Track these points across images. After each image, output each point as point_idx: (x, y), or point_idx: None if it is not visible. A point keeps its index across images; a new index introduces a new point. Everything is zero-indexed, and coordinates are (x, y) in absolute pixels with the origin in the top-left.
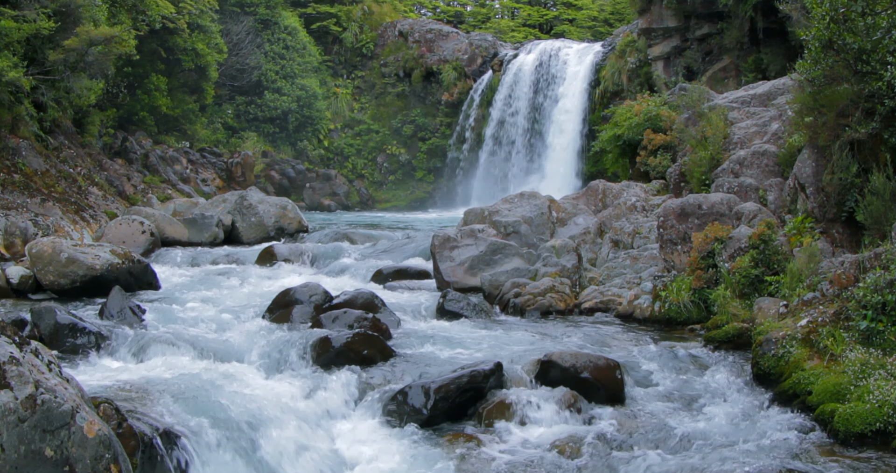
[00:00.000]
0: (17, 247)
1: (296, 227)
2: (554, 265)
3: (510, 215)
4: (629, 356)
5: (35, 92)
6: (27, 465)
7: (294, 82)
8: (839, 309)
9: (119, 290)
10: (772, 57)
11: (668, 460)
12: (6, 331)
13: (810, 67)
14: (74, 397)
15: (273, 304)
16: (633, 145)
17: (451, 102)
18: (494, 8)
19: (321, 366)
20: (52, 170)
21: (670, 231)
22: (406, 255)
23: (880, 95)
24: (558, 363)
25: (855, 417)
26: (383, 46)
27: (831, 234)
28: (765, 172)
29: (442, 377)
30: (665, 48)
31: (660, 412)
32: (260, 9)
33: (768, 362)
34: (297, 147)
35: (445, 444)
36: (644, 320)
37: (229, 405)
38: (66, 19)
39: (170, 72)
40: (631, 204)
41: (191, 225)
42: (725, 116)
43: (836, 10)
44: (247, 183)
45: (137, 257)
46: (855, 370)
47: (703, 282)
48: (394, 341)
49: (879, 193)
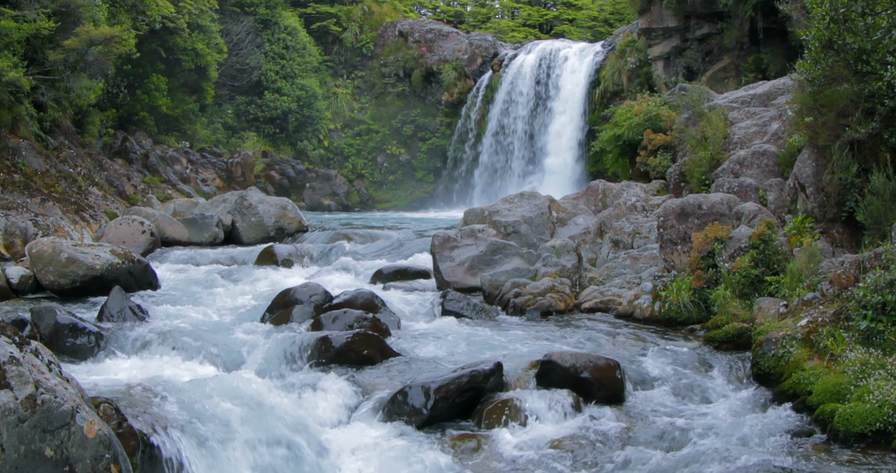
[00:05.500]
0: (17, 247)
1: (296, 227)
2: (554, 265)
3: (510, 215)
4: (629, 356)
5: (35, 92)
6: (27, 465)
7: (294, 82)
8: (839, 309)
9: (119, 290)
10: (772, 57)
11: (668, 460)
12: (6, 331)
13: (810, 67)
14: (74, 397)
15: (273, 304)
16: (633, 145)
17: (451, 102)
18: (494, 8)
19: (321, 366)
20: (52, 170)
21: (670, 231)
22: (406, 255)
23: (880, 95)
24: (558, 363)
25: (855, 417)
26: (383, 46)
27: (831, 234)
28: (765, 173)
29: (442, 377)
30: (665, 48)
31: (660, 412)
32: (260, 9)
33: (768, 362)
34: (297, 147)
35: (445, 444)
36: (644, 320)
37: (229, 406)
38: (66, 19)
39: (170, 72)
40: (631, 204)
41: (191, 225)
42: (725, 116)
43: (836, 10)
44: (247, 183)
45: (137, 257)
46: (855, 370)
47: (703, 282)
48: (394, 341)
49: (879, 193)
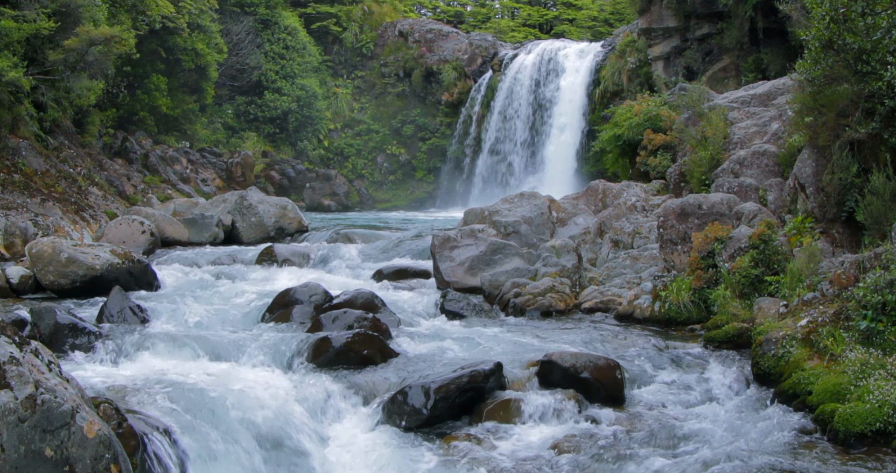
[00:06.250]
0: (17, 247)
1: (296, 227)
2: (554, 265)
3: (510, 215)
4: (629, 356)
5: (35, 92)
6: (27, 465)
7: (294, 82)
8: (839, 309)
9: (119, 290)
10: (772, 57)
11: (668, 460)
12: (6, 331)
13: (810, 67)
14: (74, 397)
15: (273, 304)
16: (633, 145)
17: (451, 102)
18: (494, 8)
19: (321, 366)
20: (52, 170)
21: (670, 231)
22: (406, 255)
23: (880, 95)
24: (558, 364)
25: (855, 417)
26: (383, 46)
27: (831, 234)
28: (765, 173)
29: (442, 377)
30: (665, 48)
31: (660, 412)
32: (260, 9)
33: (768, 362)
34: (297, 147)
35: (445, 444)
36: (644, 320)
37: (229, 406)
38: (66, 19)
39: (170, 72)
40: (631, 204)
41: (191, 225)
42: (725, 116)
43: (836, 10)
44: (247, 183)
45: (137, 257)
46: (855, 370)
47: (703, 282)
48: (394, 341)
49: (879, 193)
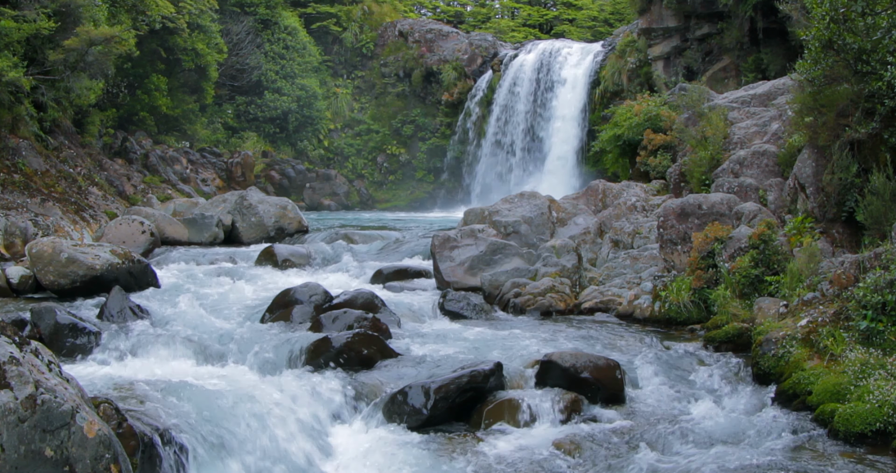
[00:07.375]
0: (17, 247)
1: (296, 227)
2: (554, 265)
3: (510, 215)
4: (629, 356)
5: (35, 92)
6: (27, 465)
7: (294, 82)
8: (839, 309)
9: (119, 290)
10: (772, 57)
11: (668, 460)
12: (6, 331)
13: (810, 66)
14: (74, 397)
15: (273, 304)
16: (633, 145)
17: (451, 102)
18: (494, 8)
19: (321, 366)
20: (52, 170)
21: (670, 231)
22: (406, 255)
23: (880, 95)
24: (558, 364)
25: (855, 417)
26: (383, 46)
27: (831, 234)
28: (765, 173)
29: (442, 377)
30: (665, 48)
31: (660, 412)
32: (260, 9)
33: (768, 362)
34: (297, 147)
35: (445, 444)
36: (644, 320)
37: (229, 406)
38: (66, 19)
39: (170, 72)
40: (631, 204)
41: (191, 225)
42: (725, 116)
43: (836, 10)
44: (247, 183)
45: (137, 257)
46: (855, 370)
47: (703, 282)
48: (394, 341)
49: (879, 193)
